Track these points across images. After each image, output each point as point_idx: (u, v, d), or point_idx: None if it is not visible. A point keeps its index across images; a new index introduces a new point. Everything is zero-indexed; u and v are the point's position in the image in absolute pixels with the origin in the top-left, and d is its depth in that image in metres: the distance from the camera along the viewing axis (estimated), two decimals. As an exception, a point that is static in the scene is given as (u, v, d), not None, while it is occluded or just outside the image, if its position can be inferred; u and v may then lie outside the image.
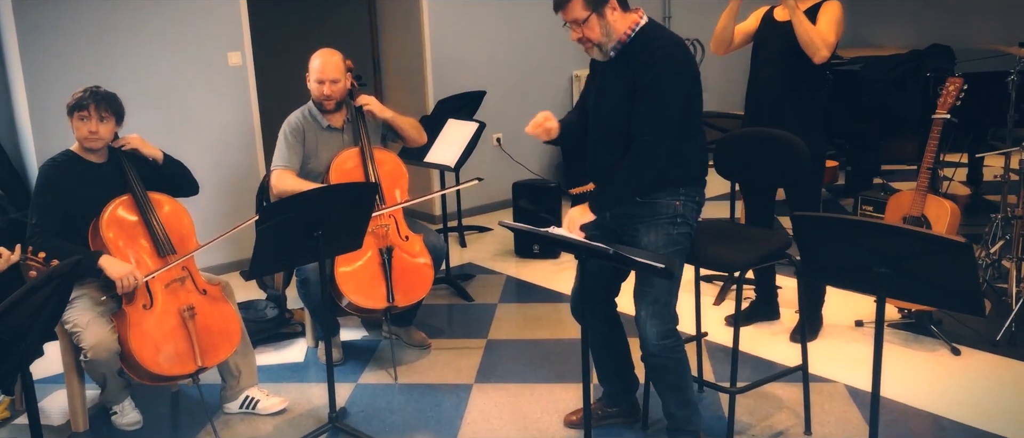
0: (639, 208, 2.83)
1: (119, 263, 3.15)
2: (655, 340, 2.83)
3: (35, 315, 2.05)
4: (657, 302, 2.82)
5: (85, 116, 3.23)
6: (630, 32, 2.76)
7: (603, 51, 2.77)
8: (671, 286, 2.84)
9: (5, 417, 3.47)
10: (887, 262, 2.38)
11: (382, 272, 3.71)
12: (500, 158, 6.30)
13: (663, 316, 2.83)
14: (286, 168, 3.77)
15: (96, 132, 3.26)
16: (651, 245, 2.82)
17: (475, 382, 3.67)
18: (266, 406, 3.46)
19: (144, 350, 3.13)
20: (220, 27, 4.99)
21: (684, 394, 2.97)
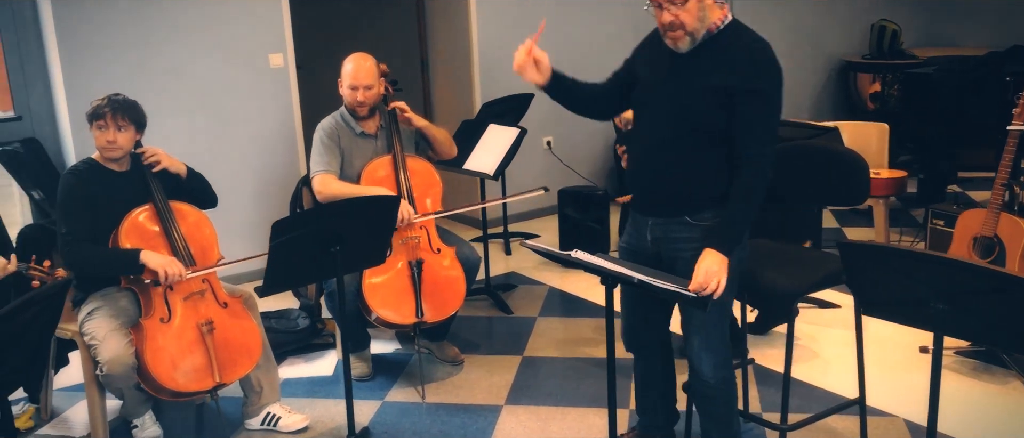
0: (686, 230, 2.55)
1: (160, 256, 3.06)
2: (710, 372, 2.63)
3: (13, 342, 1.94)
4: (709, 333, 2.61)
5: (102, 125, 3.15)
6: (719, 23, 2.48)
7: (694, 41, 2.47)
8: (721, 314, 2.61)
9: (29, 426, 3.43)
10: (946, 298, 2.13)
11: (411, 286, 3.56)
12: (550, 162, 6.11)
13: (715, 347, 2.62)
14: (327, 172, 3.64)
15: (114, 142, 3.17)
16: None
17: (505, 403, 3.50)
18: (287, 424, 3.34)
19: (160, 365, 3.04)
20: (262, 28, 4.91)
21: (730, 428, 2.76)
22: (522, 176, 5.87)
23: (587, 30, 6.05)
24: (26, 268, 2.66)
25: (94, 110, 3.13)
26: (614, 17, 6.17)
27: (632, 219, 2.73)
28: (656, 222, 2.62)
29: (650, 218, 2.63)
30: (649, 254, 2.66)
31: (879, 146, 4.80)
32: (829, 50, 7.55)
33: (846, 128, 4.96)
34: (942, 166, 5.73)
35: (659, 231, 2.61)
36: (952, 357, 3.65)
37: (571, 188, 5.33)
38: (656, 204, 2.62)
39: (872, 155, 4.82)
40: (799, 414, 3.15)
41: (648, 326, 2.83)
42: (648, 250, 2.66)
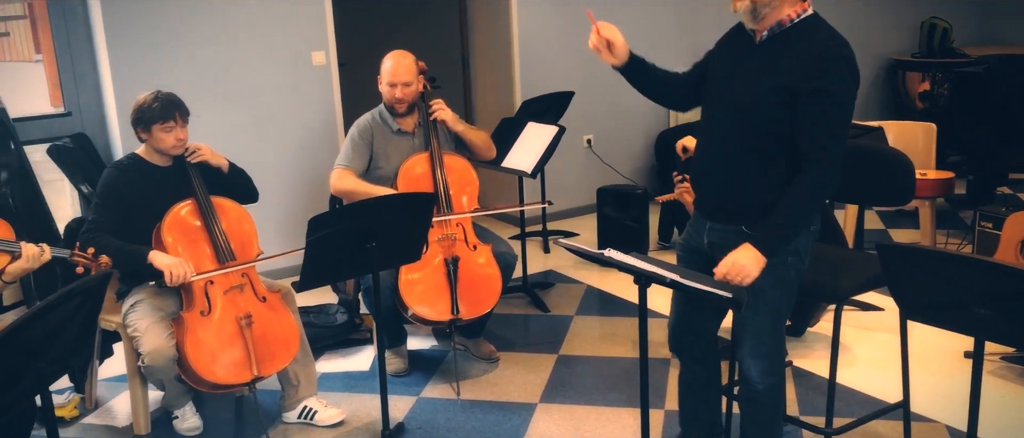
0: (742, 240, 2.42)
1: (167, 256, 3.12)
2: (758, 378, 2.58)
3: (55, 334, 1.99)
4: (760, 340, 2.55)
5: (171, 126, 3.22)
6: (794, 17, 2.36)
7: (755, 15, 2.34)
8: (774, 321, 2.54)
9: (75, 415, 3.51)
10: (988, 302, 2.08)
11: (447, 283, 3.57)
12: (590, 160, 6.09)
13: (766, 353, 2.56)
14: (347, 168, 3.69)
15: (183, 139, 3.26)
16: (756, 286, 2.40)
17: (540, 401, 3.49)
18: (324, 417, 3.38)
19: (200, 358, 3.09)
20: (304, 26, 4.97)
21: (771, 433, 2.71)
22: (562, 174, 5.86)
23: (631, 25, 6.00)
24: (71, 254, 2.73)
25: (155, 114, 3.18)
26: (657, 11, 6.12)
27: (694, 218, 2.67)
28: (713, 226, 2.55)
29: (708, 222, 2.57)
30: (705, 256, 2.60)
31: (926, 146, 4.70)
32: (878, 48, 7.40)
33: (892, 128, 4.87)
34: (992, 167, 5.58)
35: (715, 236, 2.55)
36: (997, 363, 3.56)
37: (610, 186, 5.30)
38: (714, 209, 2.55)
39: (919, 155, 4.72)
40: (841, 418, 3.10)
41: (692, 329, 2.77)
42: (704, 252, 2.60)
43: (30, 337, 1.89)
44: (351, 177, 3.67)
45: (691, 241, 2.67)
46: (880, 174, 2.80)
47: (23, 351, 1.88)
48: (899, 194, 2.78)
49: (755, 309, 2.51)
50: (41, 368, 1.95)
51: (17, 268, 2.57)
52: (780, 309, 2.52)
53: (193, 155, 3.30)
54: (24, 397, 2.03)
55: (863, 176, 2.84)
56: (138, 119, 3.23)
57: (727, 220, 2.50)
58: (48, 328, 1.95)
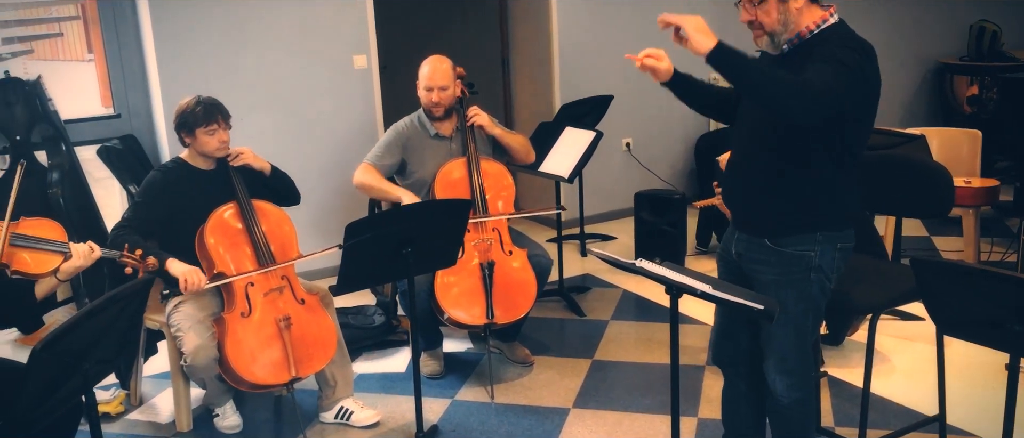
0: (765, 253, 2.46)
1: (182, 264, 3.17)
2: (783, 393, 2.57)
3: (100, 336, 2.06)
4: (785, 355, 2.53)
5: (214, 130, 3.30)
6: (814, 28, 2.36)
7: (775, 43, 2.38)
8: (800, 336, 2.52)
9: (120, 412, 3.61)
10: (1023, 319, 2.06)
11: (483, 287, 3.61)
12: (629, 163, 6.09)
13: (791, 369, 2.54)
14: (373, 165, 3.78)
15: (226, 141, 3.34)
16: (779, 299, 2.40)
17: (573, 406, 3.51)
18: (360, 418, 3.44)
19: (240, 358, 3.16)
20: (346, 30, 5.04)
21: None
22: (600, 178, 5.87)
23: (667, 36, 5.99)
24: (119, 256, 2.81)
25: (198, 118, 3.26)
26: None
27: (729, 226, 2.68)
28: (741, 237, 2.56)
29: (737, 231, 2.58)
30: (734, 266, 2.62)
31: (971, 154, 4.62)
32: (925, 52, 7.28)
33: (937, 135, 4.80)
34: (1040, 174, 5.48)
35: (742, 247, 2.56)
36: (1041, 377, 3.49)
37: (647, 191, 5.29)
38: (742, 221, 2.57)
39: (963, 163, 4.65)
40: (876, 430, 3.08)
41: (733, 342, 2.74)
42: (733, 262, 2.62)
43: (76, 340, 1.96)
44: (374, 174, 3.74)
45: (723, 250, 2.68)
46: (918, 185, 2.77)
47: (70, 353, 1.95)
48: (938, 206, 2.76)
49: (778, 324, 2.49)
50: (87, 369, 2.02)
51: (70, 267, 2.66)
52: (804, 325, 2.50)
53: (236, 159, 3.38)
54: (71, 397, 2.11)
55: (901, 186, 2.82)
56: (182, 123, 3.32)
57: (752, 232, 2.50)
58: (94, 331, 2.02)
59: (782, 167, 2.40)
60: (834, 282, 2.48)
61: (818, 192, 2.39)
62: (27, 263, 2.63)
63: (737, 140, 2.56)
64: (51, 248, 2.65)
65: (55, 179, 4.21)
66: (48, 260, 2.63)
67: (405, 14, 6.47)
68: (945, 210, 2.73)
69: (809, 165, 2.37)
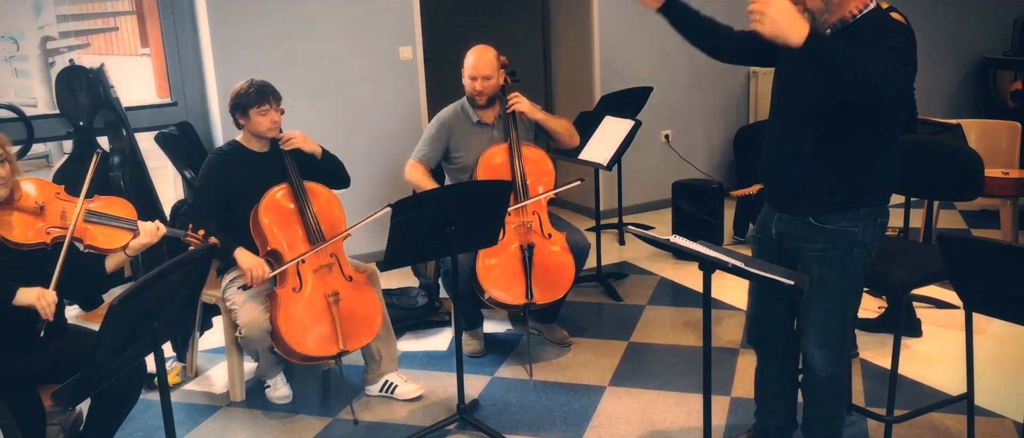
0: (810, 231, 2.51)
1: (250, 256, 3.35)
2: (822, 367, 2.63)
3: (168, 297, 2.22)
4: (826, 331, 2.60)
5: (266, 109, 3.45)
6: (857, 12, 2.38)
7: (817, 22, 2.37)
8: (840, 310, 2.59)
9: (177, 382, 3.79)
10: (1047, 294, 2.13)
11: (522, 268, 3.73)
12: (667, 155, 6.17)
13: (832, 344, 2.61)
14: (419, 161, 3.93)
15: (277, 121, 3.50)
16: (823, 277, 2.51)
17: (609, 385, 3.62)
18: (403, 391, 3.58)
19: (291, 331, 3.32)
20: (393, 22, 5.20)
21: (833, 420, 2.77)
22: (640, 169, 5.96)
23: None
24: (184, 235, 2.98)
25: (252, 99, 3.42)
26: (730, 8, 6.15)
27: (764, 209, 2.73)
28: (781, 218, 2.61)
29: (776, 213, 2.63)
30: (774, 247, 2.66)
31: (1010, 145, 4.64)
32: (968, 47, 7.26)
33: (976, 126, 4.83)
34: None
35: (783, 227, 2.61)
36: (1074, 363, 3.54)
37: (685, 181, 5.38)
38: (782, 201, 2.61)
39: (1002, 154, 4.67)
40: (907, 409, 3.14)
41: (769, 321, 2.80)
42: (773, 243, 2.67)
43: (147, 298, 2.11)
44: (419, 171, 3.89)
45: (761, 233, 2.74)
46: (949, 169, 2.83)
47: (141, 311, 2.11)
48: (967, 189, 2.82)
49: (821, 299, 2.56)
50: (156, 328, 2.18)
51: (138, 243, 2.83)
52: (846, 300, 2.57)
53: (288, 142, 3.53)
54: (141, 353, 2.26)
55: (932, 170, 2.88)
56: (236, 105, 3.48)
57: (795, 211, 2.55)
58: (162, 292, 2.18)
59: (826, 146, 2.43)
60: (873, 256, 2.53)
61: (861, 169, 2.43)
62: (99, 239, 2.81)
63: (776, 120, 2.58)
64: (121, 225, 2.82)
65: (116, 163, 4.42)
66: (118, 236, 2.80)
67: (451, 8, 6.61)
68: (975, 193, 2.79)
69: (852, 143, 2.41)
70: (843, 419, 2.80)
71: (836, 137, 2.41)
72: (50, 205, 2.75)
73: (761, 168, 2.67)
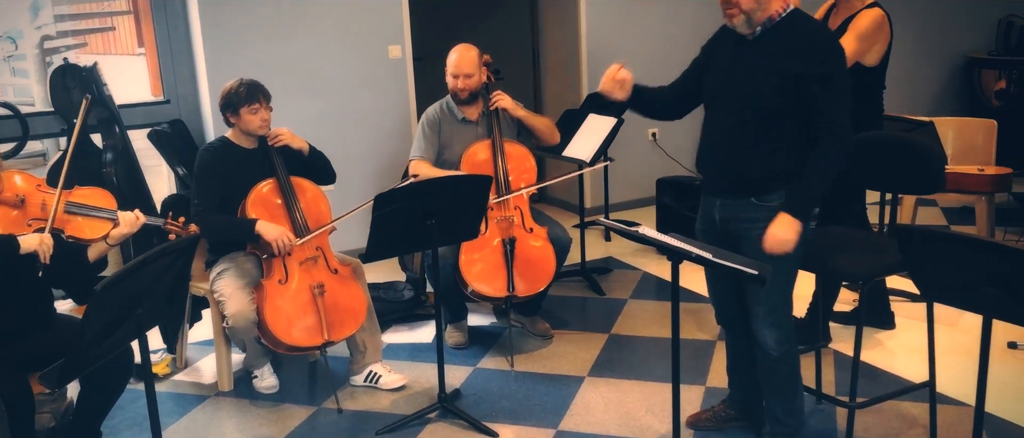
0: (752, 210, 2.70)
1: (274, 226, 3.44)
2: (774, 346, 2.78)
3: (152, 285, 2.31)
4: (774, 310, 2.75)
5: (256, 108, 3.54)
6: (782, 11, 2.63)
7: (750, 23, 2.63)
8: (785, 291, 2.76)
9: (166, 373, 3.88)
10: (996, 282, 2.22)
11: (504, 262, 3.82)
12: (654, 153, 6.26)
13: (780, 323, 2.77)
14: (422, 159, 3.97)
15: (267, 119, 3.59)
16: (765, 254, 2.66)
17: (588, 375, 3.72)
18: (387, 382, 3.67)
19: (277, 322, 3.41)
20: (383, 22, 5.29)
21: (793, 401, 2.90)
22: (627, 167, 6.05)
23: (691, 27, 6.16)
24: (164, 223, 3.08)
25: (241, 98, 3.50)
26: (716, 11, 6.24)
27: (702, 201, 2.90)
28: (724, 202, 2.78)
29: (718, 199, 2.80)
30: (718, 233, 2.82)
31: (986, 143, 4.73)
32: (954, 46, 7.34)
33: (953, 124, 4.92)
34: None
35: (727, 211, 2.78)
36: (1043, 354, 3.63)
37: (669, 177, 5.47)
38: (724, 186, 2.78)
39: (978, 151, 4.76)
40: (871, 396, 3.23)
41: (734, 302, 2.95)
42: (717, 229, 2.83)
43: (131, 286, 2.20)
44: (427, 166, 3.95)
45: (704, 222, 2.91)
46: (911, 164, 2.93)
47: (125, 297, 2.20)
48: (928, 183, 2.91)
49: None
50: (140, 315, 2.27)
51: (118, 233, 2.92)
52: (790, 276, 2.75)
53: (276, 139, 3.62)
54: (126, 340, 2.35)
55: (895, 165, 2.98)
56: (227, 104, 3.57)
57: (737, 195, 2.74)
58: (146, 279, 2.27)
59: (763, 136, 2.66)
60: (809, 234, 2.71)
61: (794, 152, 2.64)
62: (80, 228, 2.91)
63: (714, 119, 2.80)
64: (101, 215, 2.92)
65: (109, 159, 4.51)
66: (99, 226, 2.90)
67: (441, 8, 6.69)
68: (935, 187, 2.89)
69: (785, 132, 2.64)
70: (802, 400, 2.92)
71: (771, 128, 2.64)
72: (31, 197, 2.85)
73: (701, 161, 2.87)
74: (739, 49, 2.70)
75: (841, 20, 3.57)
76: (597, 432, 3.25)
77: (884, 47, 3.52)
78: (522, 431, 3.29)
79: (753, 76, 2.65)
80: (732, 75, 2.71)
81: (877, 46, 3.49)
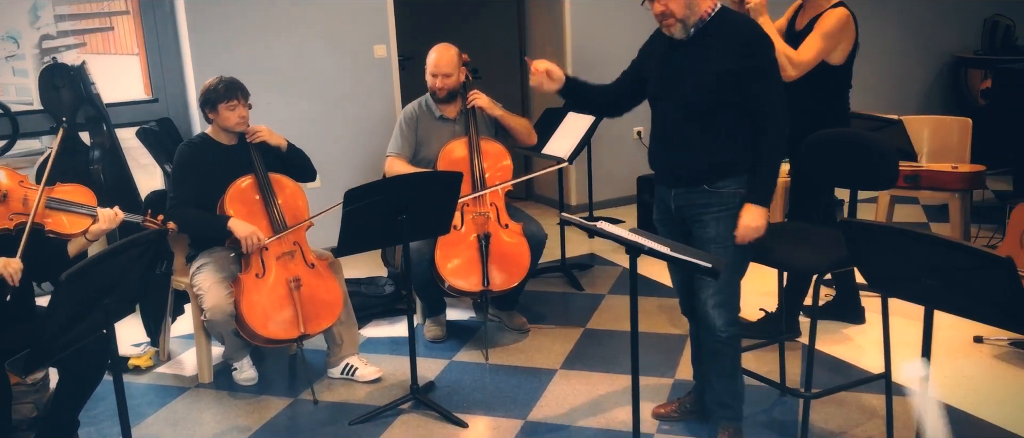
0: (705, 197, 2.85)
1: (245, 224, 3.52)
2: (722, 328, 2.89)
3: (119, 276, 2.39)
4: (721, 290, 2.87)
5: (234, 105, 3.62)
6: (711, 11, 2.78)
7: (685, 28, 2.78)
8: (735, 273, 2.89)
9: (149, 366, 3.97)
10: (934, 274, 2.29)
11: (479, 257, 3.89)
12: (639, 151, 6.32)
13: (728, 304, 2.89)
14: (398, 156, 4.05)
15: (245, 116, 3.67)
16: (719, 236, 2.84)
17: (560, 368, 3.79)
18: (363, 374, 3.75)
19: (254, 314, 3.49)
20: (368, 21, 5.37)
21: (736, 384, 3.02)
22: (611, 165, 6.12)
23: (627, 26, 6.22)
24: (142, 219, 3.16)
25: (220, 95, 3.58)
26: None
27: (657, 191, 3.03)
28: (678, 192, 2.91)
29: (672, 189, 2.92)
30: (675, 222, 2.96)
31: (960, 140, 4.78)
32: (940, 46, 7.39)
33: (928, 122, 4.97)
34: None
35: (681, 200, 2.90)
36: (1005, 348, 3.69)
37: (649, 175, 5.52)
38: (676, 177, 2.90)
39: (953, 149, 4.81)
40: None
41: (689, 294, 3.04)
42: (674, 218, 2.96)
43: (100, 275, 2.28)
44: (401, 164, 4.03)
45: (660, 213, 3.03)
46: (862, 160, 3.00)
47: (93, 286, 2.28)
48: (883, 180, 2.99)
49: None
50: (107, 305, 2.35)
51: (97, 229, 3.01)
52: (738, 259, 2.87)
53: (254, 136, 3.70)
54: (93, 329, 2.43)
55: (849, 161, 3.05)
56: (205, 100, 3.65)
57: (690, 183, 2.86)
58: (114, 270, 2.35)
59: (705, 130, 2.81)
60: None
61: (739, 141, 2.80)
62: (61, 223, 2.99)
63: (661, 117, 2.95)
64: (81, 211, 3.01)
65: (96, 156, 4.60)
66: (79, 222, 2.99)
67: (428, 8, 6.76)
68: (888, 184, 2.97)
69: (729, 124, 2.80)
70: (743, 386, 3.03)
71: (712, 122, 2.80)
72: (13, 192, 2.93)
73: (653, 157, 3.02)
74: (674, 51, 2.85)
75: (808, 19, 3.63)
76: (564, 423, 3.32)
77: (849, 46, 3.58)
78: (492, 421, 3.37)
79: (690, 76, 2.80)
80: (671, 77, 2.87)
81: (842, 45, 3.56)
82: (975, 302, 2.26)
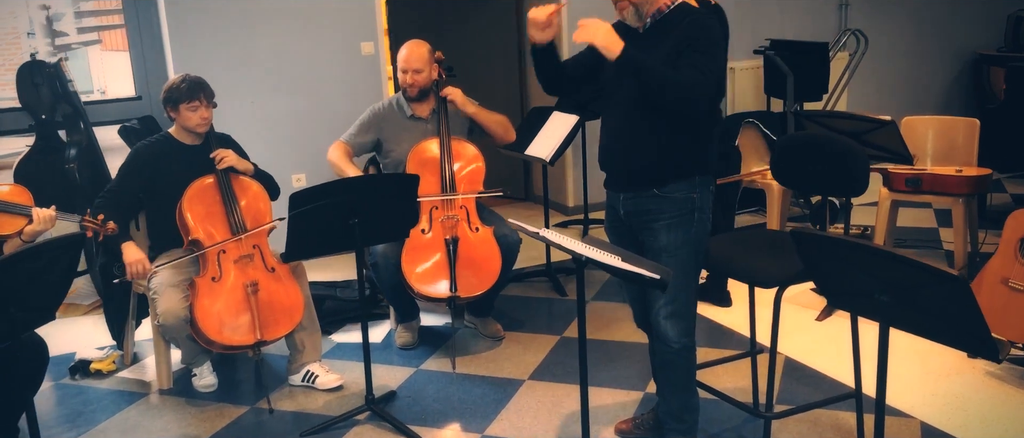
0: (656, 203, 2.69)
1: (134, 250, 3.45)
2: (676, 338, 2.75)
3: (30, 280, 2.28)
4: (675, 300, 2.72)
5: (195, 106, 3.54)
6: (670, 4, 2.64)
7: (639, 15, 2.65)
8: (686, 281, 2.72)
9: (111, 369, 3.89)
10: (887, 290, 2.11)
11: (447, 262, 3.76)
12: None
13: (681, 313, 2.74)
14: (345, 143, 3.99)
15: (207, 117, 3.58)
16: (669, 246, 2.69)
17: (528, 378, 3.64)
18: (324, 382, 3.63)
19: (208, 320, 3.39)
20: (355, 18, 5.26)
21: (689, 397, 2.86)
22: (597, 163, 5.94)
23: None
24: (80, 220, 3.07)
25: (182, 94, 3.51)
26: None
27: (608, 196, 2.87)
28: (627, 197, 2.75)
29: (622, 193, 2.77)
30: (623, 227, 2.81)
31: (967, 142, 4.53)
32: (961, 43, 7.12)
33: (932, 123, 4.73)
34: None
35: (631, 205, 2.75)
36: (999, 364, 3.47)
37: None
38: (626, 181, 2.75)
39: (959, 152, 4.57)
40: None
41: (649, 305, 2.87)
42: (622, 223, 2.81)
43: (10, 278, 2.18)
44: (340, 151, 3.96)
45: (611, 218, 2.87)
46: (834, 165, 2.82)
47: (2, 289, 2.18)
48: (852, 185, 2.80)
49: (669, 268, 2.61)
50: (13, 314, 2.24)
51: (32, 229, 2.93)
52: (691, 266, 2.70)
53: (221, 162, 3.58)
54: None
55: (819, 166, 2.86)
56: (167, 99, 3.56)
57: (639, 187, 2.70)
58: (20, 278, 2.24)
59: (660, 130, 2.63)
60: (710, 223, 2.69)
61: (691, 144, 2.65)
62: None
63: (612, 117, 2.78)
64: (14, 211, 2.92)
65: (73, 155, 4.53)
66: (12, 222, 2.91)
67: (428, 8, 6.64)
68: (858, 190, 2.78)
69: (679, 125, 2.62)
70: (697, 399, 2.87)
71: (668, 121, 2.61)
72: (-54, 193, 2.86)
73: (602, 158, 2.83)
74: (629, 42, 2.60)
75: None
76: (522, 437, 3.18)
77: None
78: (447, 435, 3.23)
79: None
80: (627, 82, 2.66)
81: None
82: (930, 320, 2.07)
